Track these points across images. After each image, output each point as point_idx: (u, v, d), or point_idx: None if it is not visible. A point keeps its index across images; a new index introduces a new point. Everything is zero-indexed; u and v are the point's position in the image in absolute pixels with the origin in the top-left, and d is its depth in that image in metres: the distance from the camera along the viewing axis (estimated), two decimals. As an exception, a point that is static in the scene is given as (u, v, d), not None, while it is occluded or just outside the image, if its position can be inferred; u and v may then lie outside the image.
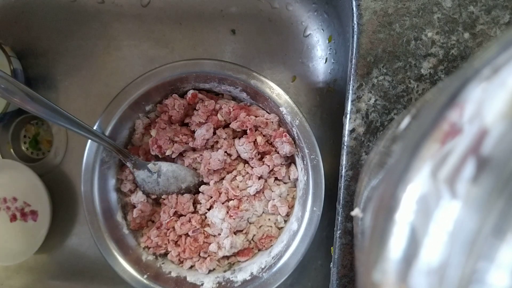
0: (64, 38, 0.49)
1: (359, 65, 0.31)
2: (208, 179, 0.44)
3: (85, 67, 0.48)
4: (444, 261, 0.12)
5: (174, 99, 0.43)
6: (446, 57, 0.31)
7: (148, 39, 0.47)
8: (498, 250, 0.11)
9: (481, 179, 0.12)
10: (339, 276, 0.33)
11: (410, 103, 0.31)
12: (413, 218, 0.13)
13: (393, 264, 0.13)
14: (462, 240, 0.12)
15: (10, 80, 0.33)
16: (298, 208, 0.41)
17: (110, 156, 0.43)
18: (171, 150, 0.43)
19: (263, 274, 0.40)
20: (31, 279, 0.51)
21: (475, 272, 0.12)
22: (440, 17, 0.31)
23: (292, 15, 0.45)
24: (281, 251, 0.41)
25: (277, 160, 0.42)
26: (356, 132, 0.32)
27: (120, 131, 0.43)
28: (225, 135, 0.43)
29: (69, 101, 0.49)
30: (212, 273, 0.43)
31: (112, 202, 0.44)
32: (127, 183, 0.45)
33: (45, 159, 0.50)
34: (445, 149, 0.13)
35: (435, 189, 0.13)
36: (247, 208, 0.42)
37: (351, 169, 0.32)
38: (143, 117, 0.44)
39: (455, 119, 0.13)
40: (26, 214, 0.50)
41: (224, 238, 0.42)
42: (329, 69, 0.44)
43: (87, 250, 0.49)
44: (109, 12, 0.48)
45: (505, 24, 0.30)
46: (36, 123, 0.51)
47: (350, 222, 0.32)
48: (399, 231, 0.13)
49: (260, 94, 0.41)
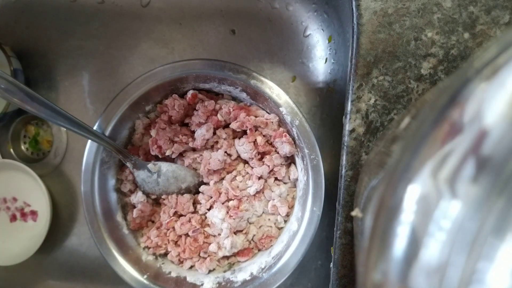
0: (64, 38, 0.49)
1: (359, 65, 0.31)
2: (208, 179, 0.44)
3: (85, 67, 0.48)
4: (444, 261, 0.12)
5: (174, 99, 0.43)
6: (446, 57, 0.31)
7: (148, 39, 0.47)
8: (498, 250, 0.11)
9: (481, 179, 0.12)
10: (339, 276, 0.33)
11: (410, 103, 0.31)
12: (413, 218, 0.13)
13: (393, 264, 0.13)
14: (462, 240, 0.12)
15: (10, 80, 0.33)
16: (298, 208, 0.41)
17: (110, 156, 0.43)
18: (171, 150, 0.43)
19: (263, 274, 0.40)
20: (31, 279, 0.51)
21: (475, 272, 0.12)
22: (440, 17, 0.31)
23: (292, 15, 0.45)
24: (281, 251, 0.41)
25: (277, 160, 0.42)
26: (356, 132, 0.32)
27: (120, 131, 0.43)
28: (225, 135, 0.43)
29: (69, 101, 0.49)
30: (212, 273, 0.43)
31: (112, 202, 0.44)
32: (127, 183, 0.45)
33: (45, 159, 0.50)
34: (445, 149, 0.13)
35: (435, 189, 0.13)
36: (247, 208, 0.42)
37: (351, 169, 0.32)
38: (143, 117, 0.44)
39: (455, 119, 0.13)
40: (26, 214, 0.50)
41: (224, 238, 0.42)
42: (329, 69, 0.44)
43: (87, 250, 0.49)
44: (109, 12, 0.48)
45: (505, 24, 0.30)
46: (36, 123, 0.51)
47: (350, 222, 0.32)
48: (399, 231, 0.13)
49: (260, 94, 0.41)
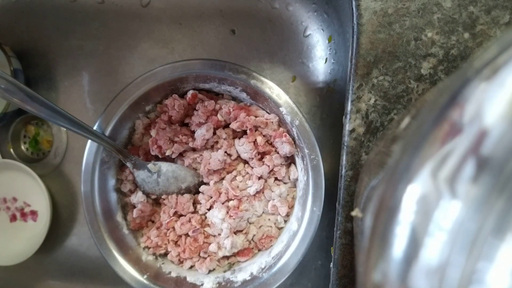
0: (64, 38, 0.49)
1: (359, 65, 0.31)
2: (208, 179, 0.44)
3: (85, 67, 0.48)
4: (444, 261, 0.12)
5: (174, 99, 0.43)
6: (446, 57, 0.31)
7: (148, 39, 0.47)
8: (498, 250, 0.11)
9: (481, 179, 0.12)
10: (339, 276, 0.33)
11: (410, 103, 0.31)
12: (413, 218, 0.13)
13: (393, 265, 0.13)
14: (462, 240, 0.12)
15: (10, 80, 0.33)
16: (298, 208, 0.41)
17: (110, 156, 0.43)
18: (171, 150, 0.43)
19: (263, 274, 0.40)
20: (31, 279, 0.51)
21: (475, 272, 0.12)
22: (440, 17, 0.31)
23: (292, 15, 0.45)
24: (281, 251, 0.41)
25: (277, 160, 0.42)
26: (356, 132, 0.32)
27: (120, 131, 0.43)
28: (225, 135, 0.43)
29: (69, 101, 0.49)
30: (212, 273, 0.43)
31: (112, 202, 0.44)
32: (127, 183, 0.45)
33: (45, 159, 0.50)
34: (445, 149, 0.13)
35: (435, 189, 0.13)
36: (247, 208, 0.42)
37: (351, 169, 0.32)
38: (143, 117, 0.44)
39: (455, 119, 0.13)
40: (26, 214, 0.50)
41: (225, 238, 0.42)
42: (329, 69, 0.44)
43: (87, 250, 0.49)
44: (109, 12, 0.48)
45: (505, 24, 0.30)
46: (36, 123, 0.51)
47: (350, 222, 0.32)
48: (399, 232, 0.13)
49: (260, 94, 0.41)
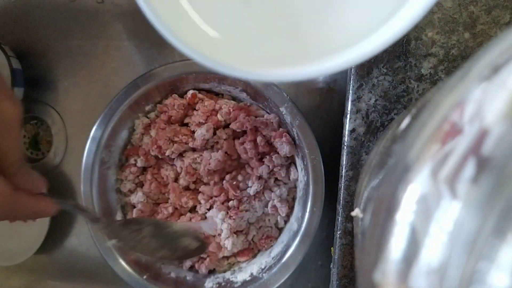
0: (64, 38, 0.49)
1: (359, 65, 0.31)
2: (208, 179, 0.44)
3: (85, 67, 0.48)
4: (445, 261, 0.12)
5: (174, 99, 0.43)
6: (447, 57, 0.31)
7: (148, 39, 0.47)
8: (498, 250, 0.11)
9: (481, 179, 0.12)
10: (339, 277, 0.33)
11: (410, 103, 0.31)
12: (414, 218, 0.13)
13: (393, 265, 0.13)
14: (463, 241, 0.12)
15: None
16: (298, 209, 0.41)
17: (110, 156, 0.43)
18: (171, 150, 0.43)
19: (263, 274, 0.40)
20: (31, 279, 0.51)
21: (475, 272, 0.12)
22: (440, 17, 0.31)
23: (292, 15, 0.45)
24: (281, 251, 0.41)
25: (277, 161, 0.42)
26: (356, 132, 0.32)
27: (120, 131, 0.43)
28: (225, 135, 0.43)
29: (69, 101, 0.49)
30: (212, 273, 0.43)
31: (111, 202, 0.44)
32: (126, 183, 0.45)
33: (45, 159, 0.50)
34: (445, 149, 0.13)
35: (435, 190, 0.13)
36: (247, 209, 0.42)
37: (351, 169, 0.32)
38: (142, 117, 0.44)
39: (455, 119, 0.13)
40: (26, 214, 0.50)
41: (225, 238, 0.42)
42: (329, 69, 0.44)
43: (87, 250, 0.49)
44: (109, 12, 0.48)
45: (505, 24, 0.30)
46: (36, 123, 0.51)
47: (350, 223, 0.32)
48: (399, 232, 0.13)
49: (260, 94, 0.40)
